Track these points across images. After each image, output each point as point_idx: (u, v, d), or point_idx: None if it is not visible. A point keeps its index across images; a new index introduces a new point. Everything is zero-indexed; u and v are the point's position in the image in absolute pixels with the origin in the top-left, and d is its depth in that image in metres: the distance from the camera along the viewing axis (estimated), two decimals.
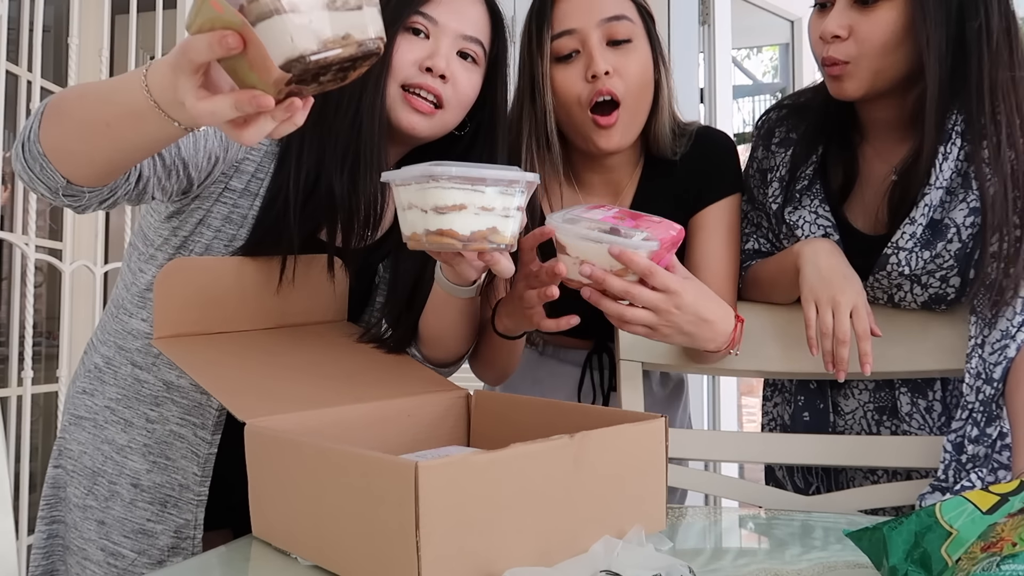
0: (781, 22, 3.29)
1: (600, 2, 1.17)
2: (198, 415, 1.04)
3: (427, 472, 0.64)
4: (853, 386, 1.25)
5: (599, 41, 1.16)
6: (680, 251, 1.25)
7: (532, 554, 0.72)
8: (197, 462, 1.04)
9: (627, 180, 1.28)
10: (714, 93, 2.83)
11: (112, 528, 1.07)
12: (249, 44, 0.63)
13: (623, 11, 1.17)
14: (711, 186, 1.25)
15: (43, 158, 0.83)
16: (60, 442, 1.14)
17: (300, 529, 0.78)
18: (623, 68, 1.16)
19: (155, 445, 1.06)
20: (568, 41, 1.17)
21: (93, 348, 1.14)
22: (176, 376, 1.05)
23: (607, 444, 0.80)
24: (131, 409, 1.07)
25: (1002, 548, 0.60)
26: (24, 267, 2.15)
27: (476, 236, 0.85)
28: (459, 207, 0.84)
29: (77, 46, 2.25)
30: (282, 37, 0.62)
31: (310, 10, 0.62)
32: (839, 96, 1.14)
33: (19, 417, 2.11)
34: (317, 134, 1.03)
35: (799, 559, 0.86)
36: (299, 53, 0.63)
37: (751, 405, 6.01)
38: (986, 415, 1.06)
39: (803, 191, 1.22)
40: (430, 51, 1.05)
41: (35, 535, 1.13)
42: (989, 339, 1.08)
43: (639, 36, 1.19)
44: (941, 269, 1.12)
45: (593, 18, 1.16)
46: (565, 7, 1.19)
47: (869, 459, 1.18)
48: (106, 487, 1.08)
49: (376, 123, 1.03)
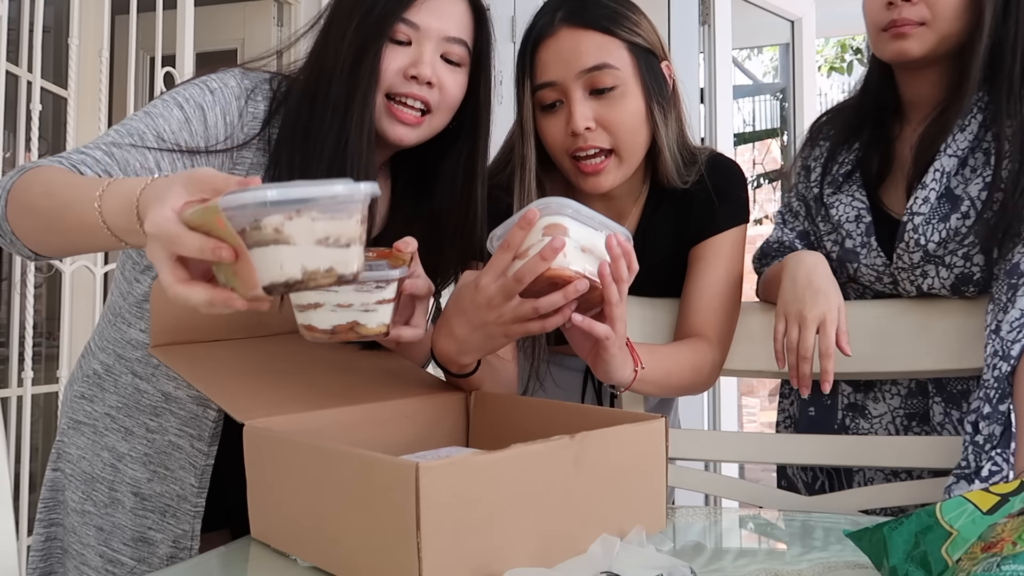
0: (781, 22, 3.29)
1: (580, 51, 1.12)
2: (195, 426, 1.04)
3: (428, 473, 0.64)
4: (885, 390, 1.24)
5: (581, 93, 1.12)
6: (678, 279, 1.26)
7: (532, 554, 0.72)
8: (195, 473, 1.03)
9: (630, 208, 1.27)
10: (714, 93, 2.83)
11: (111, 535, 1.07)
12: (240, 259, 0.66)
13: (605, 59, 1.12)
14: (715, 217, 1.23)
15: (12, 235, 0.85)
16: (59, 445, 1.14)
17: (300, 530, 0.78)
18: (607, 118, 1.13)
19: (155, 455, 1.06)
20: (550, 92, 1.14)
21: (91, 353, 1.14)
22: (174, 387, 1.05)
23: (607, 444, 0.79)
24: (131, 418, 1.07)
25: (1002, 548, 0.60)
26: (24, 267, 2.15)
27: (339, 329, 0.85)
28: (314, 305, 0.84)
29: (77, 46, 2.25)
30: (272, 264, 0.66)
31: (304, 243, 0.66)
32: (898, 57, 1.16)
33: (19, 417, 2.11)
34: (302, 149, 1.02)
35: (799, 559, 0.86)
36: (284, 280, 0.66)
37: (751, 405, 6.02)
38: (999, 392, 1.05)
39: (843, 176, 1.25)
40: (414, 58, 1.03)
41: (33, 537, 1.13)
42: (1006, 319, 1.07)
43: (627, 80, 1.13)
44: (962, 246, 1.13)
45: (573, 69, 1.12)
46: (545, 56, 1.14)
47: (870, 460, 1.18)
48: (105, 493, 1.08)
49: (364, 138, 1.01)
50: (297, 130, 1.02)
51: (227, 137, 1.01)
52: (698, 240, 1.24)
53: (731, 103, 2.91)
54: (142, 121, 0.97)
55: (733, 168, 1.27)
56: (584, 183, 1.16)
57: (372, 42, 1.00)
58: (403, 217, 1.14)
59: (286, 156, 1.02)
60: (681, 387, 1.19)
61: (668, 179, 1.21)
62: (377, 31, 1.01)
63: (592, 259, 0.88)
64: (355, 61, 1.00)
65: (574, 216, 0.87)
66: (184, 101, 1.00)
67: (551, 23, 1.14)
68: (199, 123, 0.99)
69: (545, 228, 0.86)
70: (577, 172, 1.16)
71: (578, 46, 1.12)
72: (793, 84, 3.32)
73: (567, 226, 0.86)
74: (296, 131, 1.02)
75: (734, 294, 1.24)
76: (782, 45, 3.55)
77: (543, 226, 0.86)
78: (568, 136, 1.14)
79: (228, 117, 1.01)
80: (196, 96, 1.00)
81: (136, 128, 0.96)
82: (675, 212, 1.24)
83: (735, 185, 1.25)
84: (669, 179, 1.21)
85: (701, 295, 1.22)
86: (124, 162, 0.92)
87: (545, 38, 1.15)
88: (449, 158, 1.12)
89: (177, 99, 1.00)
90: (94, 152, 0.91)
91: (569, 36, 1.13)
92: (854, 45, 7.78)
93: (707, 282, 1.22)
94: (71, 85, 2.24)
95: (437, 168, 1.13)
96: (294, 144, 1.02)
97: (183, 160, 0.98)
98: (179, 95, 1.00)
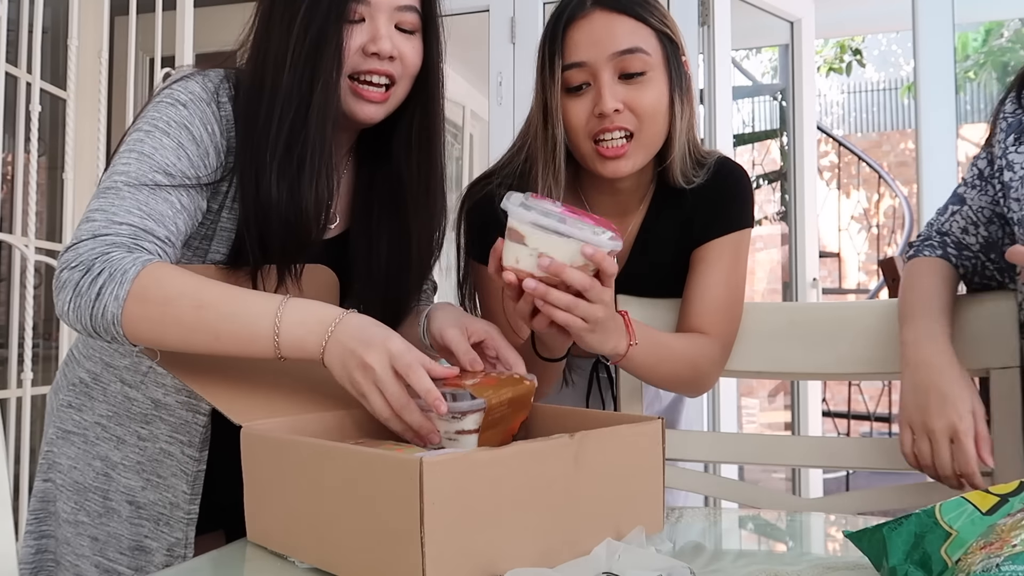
0: (780, 23, 3.29)
1: (614, 33, 1.13)
2: (185, 433, 1.03)
3: (431, 468, 0.64)
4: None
5: (611, 76, 1.12)
6: (678, 281, 1.25)
7: (533, 553, 0.72)
8: (186, 480, 1.03)
9: (636, 204, 1.27)
10: (714, 94, 2.83)
11: (107, 545, 1.06)
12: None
13: (638, 43, 1.13)
14: (719, 219, 1.23)
15: (122, 339, 0.88)
16: (48, 455, 1.12)
17: (298, 531, 0.78)
18: (635, 102, 1.13)
19: (148, 463, 1.05)
20: (578, 73, 1.14)
21: (76, 361, 1.12)
22: (163, 394, 1.04)
23: (606, 444, 0.80)
24: (123, 426, 1.06)
25: (1002, 549, 0.60)
26: (23, 268, 2.15)
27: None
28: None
29: (76, 47, 2.25)
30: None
31: None
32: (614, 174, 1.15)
33: (19, 419, 2.11)
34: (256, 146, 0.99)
35: (799, 559, 0.86)
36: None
37: (751, 406, 6.01)
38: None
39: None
40: (371, 34, 1.01)
41: (23, 549, 1.11)
42: None
43: (655, 67, 1.14)
44: None
45: (605, 51, 1.12)
46: (577, 36, 1.14)
47: (871, 462, 1.18)
48: (99, 503, 1.07)
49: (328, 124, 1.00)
50: (250, 126, 0.99)
51: (215, 147, 0.99)
52: (701, 242, 1.23)
53: (730, 104, 2.91)
54: (142, 162, 0.94)
55: (740, 173, 1.27)
56: (604, 167, 1.16)
57: (330, 25, 0.98)
58: (366, 194, 1.13)
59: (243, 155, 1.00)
60: (675, 378, 1.18)
61: (675, 177, 1.21)
62: (333, 13, 0.98)
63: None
64: (313, 47, 0.98)
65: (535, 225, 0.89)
66: (166, 126, 0.97)
67: (583, 5, 1.15)
68: (190, 142, 0.97)
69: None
70: (596, 156, 1.16)
71: (612, 28, 1.13)
72: (792, 85, 3.32)
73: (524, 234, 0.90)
74: (249, 127, 1.00)
75: (736, 296, 1.23)
76: (781, 46, 3.55)
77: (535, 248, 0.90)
78: (593, 117, 1.14)
79: (209, 126, 0.99)
80: (173, 116, 0.97)
81: (143, 174, 0.94)
82: (680, 213, 1.24)
83: (741, 190, 1.25)
84: (676, 177, 1.21)
85: (702, 296, 1.21)
86: (160, 215, 0.93)
87: (577, 19, 1.15)
88: (403, 126, 1.10)
89: (158, 126, 0.97)
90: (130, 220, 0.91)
91: (602, 18, 1.14)
92: (853, 46, 7.78)
93: (709, 283, 1.22)
94: (70, 86, 2.24)
95: (393, 138, 1.11)
96: (247, 141, 0.99)
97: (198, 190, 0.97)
98: (157, 121, 0.97)
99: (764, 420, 6.04)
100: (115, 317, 0.86)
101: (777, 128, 4.89)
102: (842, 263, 7.22)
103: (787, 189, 3.48)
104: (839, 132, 9.19)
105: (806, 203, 3.25)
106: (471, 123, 4.27)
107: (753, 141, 5.16)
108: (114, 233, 0.89)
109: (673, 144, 1.19)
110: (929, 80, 2.66)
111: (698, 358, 1.18)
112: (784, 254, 3.85)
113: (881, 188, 6.28)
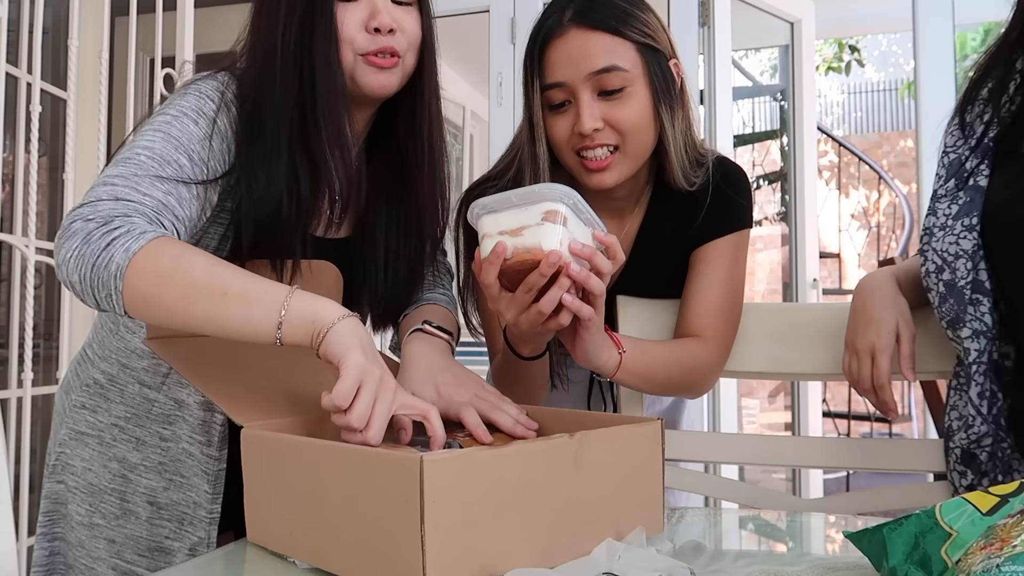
0: (781, 23, 3.30)
1: (589, 53, 1.12)
2: (203, 433, 1.03)
3: (432, 467, 0.64)
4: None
5: (589, 95, 1.12)
6: (678, 282, 1.25)
7: (533, 553, 0.72)
8: (208, 480, 1.03)
9: (633, 207, 1.27)
10: (714, 94, 2.83)
11: (124, 547, 1.05)
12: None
13: (614, 60, 1.11)
14: (717, 221, 1.22)
15: (117, 294, 0.83)
16: (61, 456, 1.11)
17: (299, 531, 0.78)
18: (615, 118, 1.13)
19: (170, 463, 1.05)
20: (558, 93, 1.14)
21: (90, 362, 1.12)
22: (186, 395, 1.04)
23: (606, 444, 0.80)
24: (142, 428, 1.06)
25: (1002, 549, 0.60)
26: (24, 269, 2.15)
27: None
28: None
29: (77, 48, 2.25)
30: None
31: None
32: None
33: (19, 419, 2.11)
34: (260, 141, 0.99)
35: (799, 560, 0.86)
36: None
37: (751, 407, 6.01)
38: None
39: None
40: (370, 10, 1.01)
41: (36, 552, 1.11)
42: None
43: (635, 80, 1.13)
44: None
45: (582, 71, 1.11)
46: (554, 56, 1.14)
47: (870, 462, 1.18)
48: (116, 505, 1.07)
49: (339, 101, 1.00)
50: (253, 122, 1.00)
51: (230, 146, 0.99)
52: (700, 243, 1.23)
53: (730, 104, 2.91)
54: (168, 143, 0.94)
55: (739, 173, 1.26)
56: (588, 179, 1.16)
57: (316, 4, 0.99)
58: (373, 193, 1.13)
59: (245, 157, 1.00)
60: (670, 384, 1.18)
61: (674, 180, 1.20)
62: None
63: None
64: (301, 27, 0.98)
65: (573, 209, 0.90)
66: (196, 115, 0.97)
67: (560, 23, 1.14)
68: (216, 136, 0.97)
69: (545, 213, 0.88)
70: (582, 169, 1.16)
71: (587, 48, 1.12)
72: (792, 85, 3.32)
73: (566, 216, 0.89)
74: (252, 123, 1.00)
75: (735, 297, 1.23)
76: (781, 47, 3.55)
77: (543, 209, 0.88)
78: (575, 135, 1.14)
79: (233, 126, 0.99)
80: (203, 108, 0.97)
81: (168, 153, 0.93)
82: (678, 215, 1.24)
83: (740, 190, 1.24)
84: (675, 180, 1.20)
85: (700, 297, 1.21)
86: (180, 197, 0.92)
87: (554, 38, 1.14)
88: (403, 108, 1.11)
89: (187, 113, 0.97)
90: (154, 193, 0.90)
91: (578, 37, 1.13)
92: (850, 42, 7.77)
93: (707, 284, 1.21)
94: (71, 87, 2.24)
95: (397, 122, 1.12)
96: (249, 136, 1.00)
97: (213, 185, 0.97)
98: (186, 110, 0.97)
99: (764, 421, 6.04)
100: (120, 269, 0.82)
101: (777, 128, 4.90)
102: (842, 263, 7.21)
103: (787, 189, 3.48)
104: (839, 132, 9.20)
105: (806, 203, 3.25)
106: (471, 124, 4.27)
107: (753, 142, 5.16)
108: (138, 202, 0.88)
109: (668, 149, 1.18)
110: (929, 80, 2.66)
111: (692, 362, 1.18)
112: (784, 255, 3.85)
113: (881, 187, 6.29)
